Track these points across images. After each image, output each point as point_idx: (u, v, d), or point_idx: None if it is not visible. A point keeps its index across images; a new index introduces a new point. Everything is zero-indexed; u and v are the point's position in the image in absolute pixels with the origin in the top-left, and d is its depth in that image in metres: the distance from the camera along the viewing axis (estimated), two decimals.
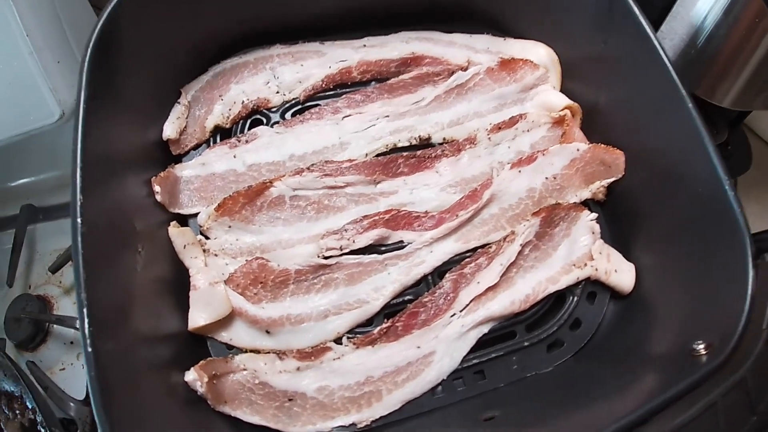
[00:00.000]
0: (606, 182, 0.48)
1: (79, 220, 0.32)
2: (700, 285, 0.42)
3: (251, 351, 0.41)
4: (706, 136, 0.40)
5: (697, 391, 0.35)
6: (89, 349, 0.28)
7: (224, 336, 0.41)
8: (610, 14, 0.46)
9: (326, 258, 0.43)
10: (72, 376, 0.51)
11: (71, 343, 0.53)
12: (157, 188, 0.41)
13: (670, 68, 0.42)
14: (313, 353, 0.41)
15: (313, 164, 0.45)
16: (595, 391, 0.41)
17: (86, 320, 0.30)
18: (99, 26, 0.37)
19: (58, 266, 0.54)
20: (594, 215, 0.47)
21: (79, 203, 0.32)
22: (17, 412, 0.45)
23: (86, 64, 0.36)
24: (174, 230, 0.41)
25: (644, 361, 0.41)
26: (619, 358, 0.44)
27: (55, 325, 0.53)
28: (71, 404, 0.46)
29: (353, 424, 0.40)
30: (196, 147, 0.46)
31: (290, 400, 0.40)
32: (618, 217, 0.50)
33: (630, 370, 0.41)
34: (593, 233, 0.47)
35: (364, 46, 0.50)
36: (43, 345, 0.54)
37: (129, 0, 0.38)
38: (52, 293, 0.55)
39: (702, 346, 0.37)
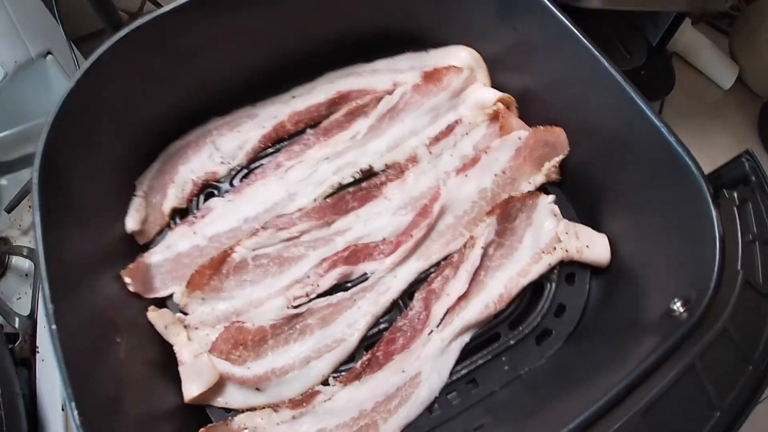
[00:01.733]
0: (555, 161, 0.48)
1: (53, 326, 0.34)
2: (671, 241, 0.41)
3: (248, 410, 0.42)
4: (633, 93, 0.40)
5: (679, 353, 0.34)
6: None
7: (220, 401, 0.42)
8: (510, 1, 0.46)
9: (296, 307, 0.44)
10: (26, 303, 0.56)
11: (26, 275, 0.59)
12: (128, 280, 0.44)
13: (581, 37, 0.42)
14: (304, 400, 0.42)
15: (266, 222, 0.47)
16: (589, 372, 0.40)
17: (77, 414, 0.32)
18: (42, 147, 0.40)
19: (12, 206, 0.59)
20: (551, 197, 0.47)
21: (52, 311, 0.34)
22: None
23: (37, 184, 0.39)
24: (152, 314, 0.44)
25: (632, 330, 0.41)
26: (610, 333, 0.43)
27: (13, 260, 0.59)
28: (17, 319, 0.52)
29: None
30: (160, 232, 0.48)
31: None
32: (578, 193, 0.49)
33: (621, 344, 0.40)
34: (555, 215, 0.47)
35: (293, 97, 0.52)
36: (3, 278, 0.59)
37: (66, 113, 0.41)
38: (11, 234, 0.61)
39: (679, 304, 0.36)
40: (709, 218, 0.36)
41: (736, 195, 0.40)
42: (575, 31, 0.43)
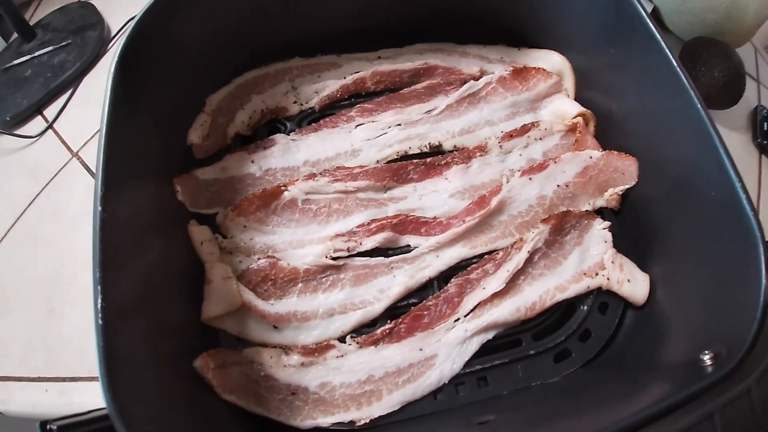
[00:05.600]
0: (619, 189, 0.48)
1: (100, 207, 0.34)
2: (714, 295, 0.40)
3: (258, 345, 0.43)
4: (717, 141, 0.40)
5: (699, 401, 0.34)
6: (100, 322, 0.30)
7: (234, 329, 0.43)
8: (618, 21, 0.46)
9: (334, 259, 0.44)
10: None
11: None
12: (178, 188, 0.44)
13: (680, 73, 0.42)
14: (317, 350, 0.42)
15: (325, 170, 0.47)
16: (600, 400, 0.40)
17: (100, 297, 0.32)
18: (129, 35, 0.40)
19: None
20: (606, 223, 0.47)
21: (101, 193, 0.35)
22: None
23: (114, 67, 0.39)
24: (193, 227, 0.44)
25: (653, 371, 0.40)
26: (630, 369, 0.43)
27: None
28: None
29: (352, 422, 0.40)
30: (218, 152, 0.48)
31: (293, 394, 0.41)
32: (633, 226, 0.49)
33: (638, 380, 0.40)
34: (605, 242, 0.46)
35: (379, 58, 0.52)
36: None
37: (158, 12, 0.42)
38: None
39: (709, 356, 0.36)
40: (757, 284, 0.35)
41: None
42: (675, 64, 0.43)
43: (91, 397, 0.33)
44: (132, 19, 0.42)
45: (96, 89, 0.65)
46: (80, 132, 0.61)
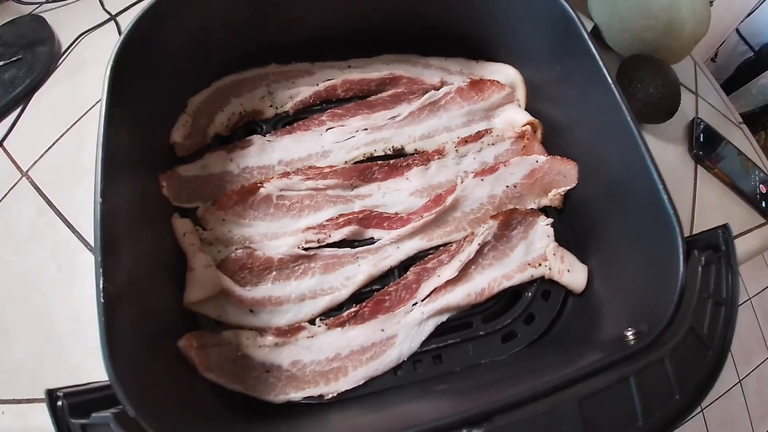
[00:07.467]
0: (562, 190, 0.53)
1: (99, 198, 0.38)
2: (642, 282, 0.46)
3: (236, 327, 0.46)
4: (643, 147, 0.45)
5: (618, 368, 0.39)
6: (102, 301, 0.34)
7: (213, 313, 0.46)
8: (563, 39, 0.51)
9: (305, 249, 0.49)
10: None
11: None
12: (163, 183, 0.48)
13: (614, 89, 0.47)
14: (289, 331, 0.46)
15: (298, 169, 0.51)
16: (539, 370, 0.45)
17: (102, 279, 0.35)
18: (118, 45, 0.43)
19: None
20: (549, 220, 0.52)
21: (100, 186, 0.38)
22: None
23: (108, 73, 0.43)
24: (176, 220, 0.48)
25: (586, 347, 0.46)
26: (567, 345, 0.48)
27: None
28: None
29: (321, 396, 0.45)
30: (198, 150, 0.52)
31: (267, 371, 0.45)
32: (573, 222, 0.54)
33: (574, 355, 0.46)
34: (548, 236, 0.52)
35: (349, 66, 0.57)
36: None
37: (147, 22, 0.45)
38: None
39: (632, 332, 0.42)
40: (676, 269, 0.41)
41: (704, 258, 0.46)
42: (609, 81, 0.48)
43: (48, 420, 0.35)
44: (84, 34, 0.44)
45: (46, 105, 0.63)
46: (30, 150, 0.59)
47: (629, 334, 0.42)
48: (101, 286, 0.35)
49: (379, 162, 0.53)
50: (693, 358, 0.42)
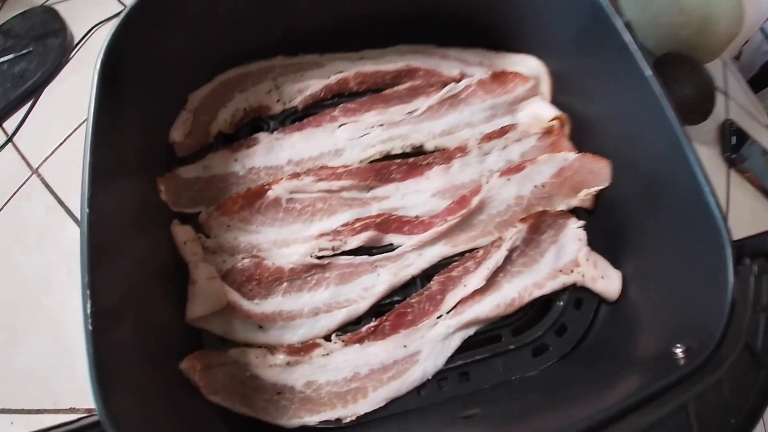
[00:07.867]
0: (593, 190, 0.49)
1: (87, 209, 0.34)
2: (684, 291, 0.42)
3: (243, 345, 0.43)
4: (687, 145, 0.42)
5: (673, 393, 0.36)
6: (90, 328, 0.30)
7: (219, 329, 0.43)
8: (595, 29, 0.47)
9: (319, 258, 0.45)
10: None
11: None
12: (161, 187, 0.44)
13: (650, 79, 0.44)
14: (302, 349, 0.43)
15: (309, 169, 0.47)
16: (578, 393, 0.41)
17: (89, 302, 0.31)
18: (110, 37, 0.40)
19: None
20: (581, 223, 0.49)
21: (87, 195, 0.35)
22: None
23: (97, 70, 0.39)
24: (176, 227, 0.44)
25: (627, 364, 0.42)
26: (604, 362, 0.45)
27: None
28: None
29: (338, 419, 0.41)
30: (200, 150, 0.48)
31: (279, 393, 0.41)
32: (606, 225, 0.51)
33: (613, 373, 0.42)
34: (580, 240, 0.48)
35: (362, 58, 0.53)
36: None
37: (139, 12, 0.41)
38: None
39: (681, 350, 0.38)
40: (725, 281, 0.37)
41: (756, 267, 0.42)
42: (647, 72, 0.45)
43: None
44: (97, 26, 0.41)
45: (57, 99, 0.62)
46: (41, 146, 0.58)
47: (678, 351, 0.38)
48: (89, 311, 0.31)
49: (397, 161, 0.49)
50: (746, 378, 0.38)
